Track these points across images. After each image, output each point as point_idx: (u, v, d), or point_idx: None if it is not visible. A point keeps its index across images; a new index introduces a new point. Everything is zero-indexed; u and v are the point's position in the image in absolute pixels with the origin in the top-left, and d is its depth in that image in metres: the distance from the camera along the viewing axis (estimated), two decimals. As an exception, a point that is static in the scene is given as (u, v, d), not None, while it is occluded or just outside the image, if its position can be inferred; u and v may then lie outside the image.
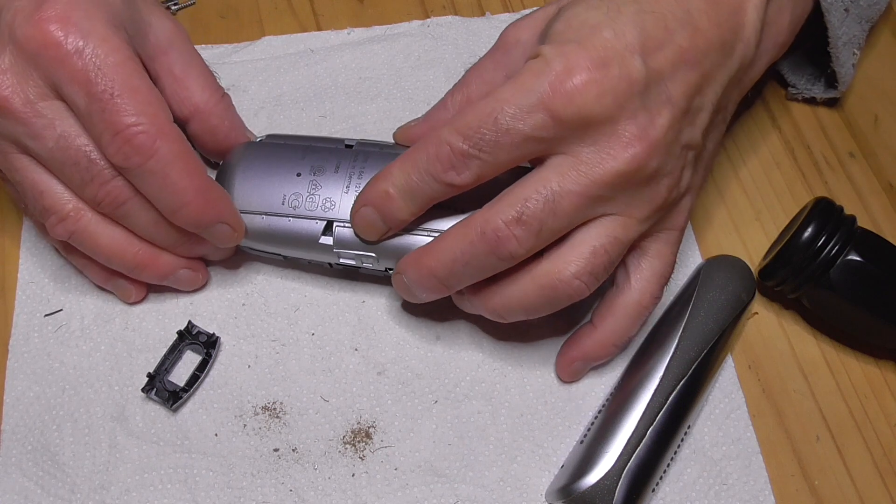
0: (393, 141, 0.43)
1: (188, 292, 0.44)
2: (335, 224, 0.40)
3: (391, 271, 0.41)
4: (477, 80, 0.40)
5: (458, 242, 0.36)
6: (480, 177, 0.35)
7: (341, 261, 0.41)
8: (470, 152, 0.34)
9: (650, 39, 0.34)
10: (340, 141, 0.42)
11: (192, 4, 0.53)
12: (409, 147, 0.40)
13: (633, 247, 0.38)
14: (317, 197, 0.40)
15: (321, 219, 0.40)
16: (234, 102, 0.44)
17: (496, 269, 0.36)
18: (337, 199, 0.40)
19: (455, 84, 0.41)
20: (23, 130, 0.36)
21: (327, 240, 0.40)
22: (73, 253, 0.42)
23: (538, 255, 0.36)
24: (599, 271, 0.36)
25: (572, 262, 0.35)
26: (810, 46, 0.49)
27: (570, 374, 0.42)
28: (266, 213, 0.40)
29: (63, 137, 0.36)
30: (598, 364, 0.42)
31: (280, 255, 0.42)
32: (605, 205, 0.35)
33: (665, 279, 0.39)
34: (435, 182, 0.36)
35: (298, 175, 0.41)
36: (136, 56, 0.37)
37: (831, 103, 0.51)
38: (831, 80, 0.49)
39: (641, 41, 0.34)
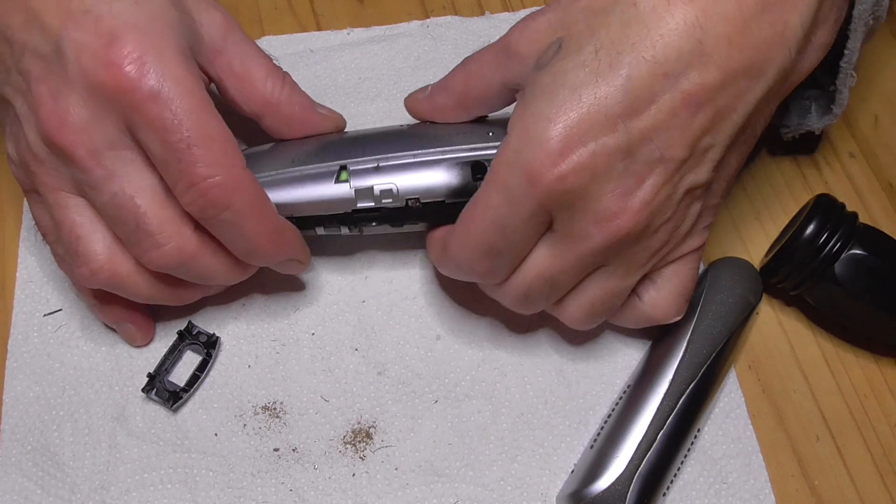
0: (390, 126, 0.43)
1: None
2: (349, 164, 0.39)
3: (412, 202, 0.39)
4: (478, 73, 0.39)
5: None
6: (509, 271, 0.37)
7: (360, 204, 0.39)
8: (494, 263, 0.36)
9: (640, 97, 0.32)
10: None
11: None
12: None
13: (651, 270, 0.38)
14: (327, 149, 0.40)
15: (333, 161, 0.39)
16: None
17: None
18: (347, 147, 0.40)
19: (457, 66, 0.40)
20: (83, 178, 0.36)
21: (343, 186, 0.39)
22: (82, 291, 0.42)
23: None
24: (602, 315, 0.39)
25: (574, 313, 0.39)
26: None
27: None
28: (277, 170, 0.39)
29: (118, 195, 0.35)
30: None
31: (293, 216, 0.40)
32: (601, 265, 0.36)
33: (686, 296, 0.39)
34: (470, 278, 0.38)
35: (304, 142, 0.41)
36: (208, 96, 0.36)
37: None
38: (824, 108, 0.45)
39: (628, 102, 0.32)
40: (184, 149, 0.34)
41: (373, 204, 0.39)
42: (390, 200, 0.39)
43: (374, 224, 0.41)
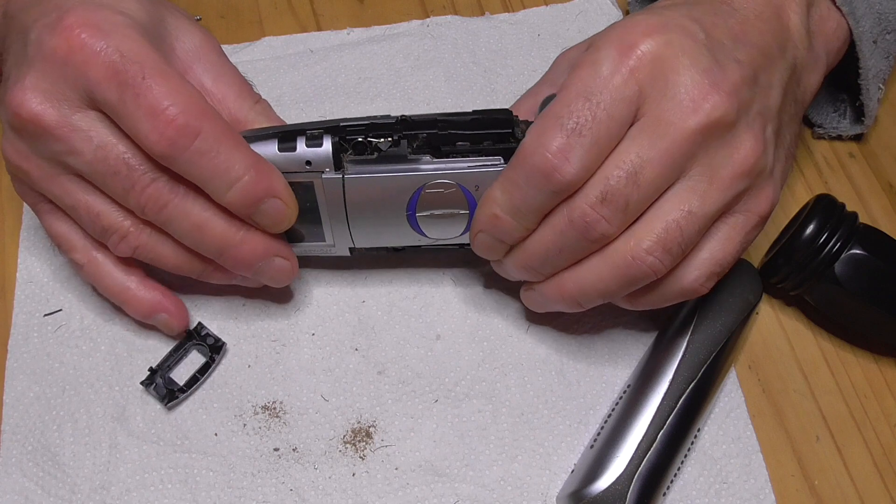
0: None
1: (190, 292, 0.44)
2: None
3: (405, 117, 0.38)
4: (527, 95, 0.42)
5: (549, 233, 0.36)
6: (585, 167, 0.34)
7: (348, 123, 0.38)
8: (569, 142, 0.33)
9: (704, 21, 0.36)
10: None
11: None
12: None
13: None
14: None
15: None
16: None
17: (590, 251, 0.36)
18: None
19: None
20: (61, 147, 0.36)
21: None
22: (108, 291, 0.41)
23: None
24: (674, 248, 0.34)
25: (644, 237, 0.35)
26: (833, 84, 0.48)
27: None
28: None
29: (100, 148, 0.35)
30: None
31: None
32: (687, 167, 0.34)
33: (719, 269, 0.36)
34: (540, 192, 0.35)
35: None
36: (160, 52, 0.36)
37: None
38: (855, 116, 0.49)
39: (697, 17, 0.36)
40: (139, 82, 0.34)
41: (361, 122, 0.38)
42: (383, 114, 0.38)
43: (361, 137, 0.37)
